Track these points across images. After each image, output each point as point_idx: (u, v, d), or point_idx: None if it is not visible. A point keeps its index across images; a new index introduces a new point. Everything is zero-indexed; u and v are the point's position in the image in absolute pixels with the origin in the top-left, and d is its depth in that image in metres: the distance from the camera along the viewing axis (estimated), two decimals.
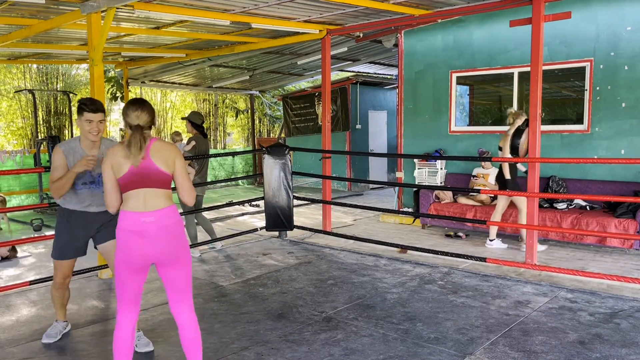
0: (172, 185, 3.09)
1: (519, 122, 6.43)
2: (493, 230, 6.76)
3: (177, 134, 8.24)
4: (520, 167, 6.70)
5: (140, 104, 3.05)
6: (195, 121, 6.70)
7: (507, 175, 6.52)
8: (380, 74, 14.51)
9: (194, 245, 6.51)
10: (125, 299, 3.01)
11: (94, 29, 5.79)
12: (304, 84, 17.91)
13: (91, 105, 3.56)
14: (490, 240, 6.77)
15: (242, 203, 7.76)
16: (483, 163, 7.92)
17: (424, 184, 8.58)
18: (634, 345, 3.78)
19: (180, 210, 3.76)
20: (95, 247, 3.95)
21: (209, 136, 22.07)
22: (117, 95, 15.11)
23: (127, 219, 2.92)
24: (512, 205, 7.38)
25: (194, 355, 3.06)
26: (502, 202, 6.70)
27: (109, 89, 14.92)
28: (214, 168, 15.92)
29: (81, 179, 3.68)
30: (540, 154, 5.87)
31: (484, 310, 4.53)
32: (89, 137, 3.60)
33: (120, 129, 14.26)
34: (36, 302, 4.96)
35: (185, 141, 6.85)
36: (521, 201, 6.36)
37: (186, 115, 6.99)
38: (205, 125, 22.66)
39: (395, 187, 9.82)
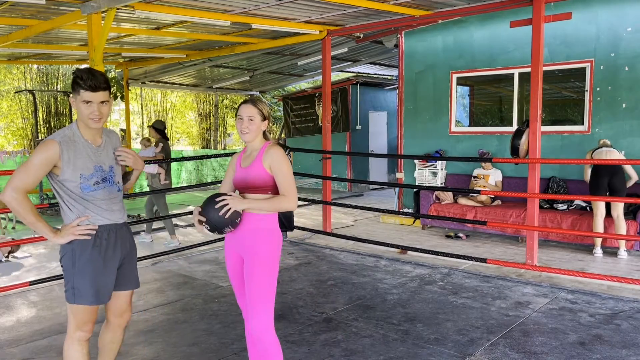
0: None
1: None
2: (622, 242, 6.36)
3: (147, 139, 8.26)
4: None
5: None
6: (158, 127, 7.72)
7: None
8: (381, 75, 14.51)
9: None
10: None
11: (95, 29, 5.80)
12: (304, 84, 17.93)
13: (90, 80, 2.54)
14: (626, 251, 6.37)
15: None
16: (483, 164, 7.92)
17: (424, 184, 8.57)
18: (634, 346, 3.77)
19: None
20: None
21: (208, 137, 22.13)
22: (117, 95, 15.14)
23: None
24: (513, 206, 7.39)
25: None
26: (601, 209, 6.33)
27: None
28: (214, 169, 15.92)
29: (91, 178, 2.67)
30: (540, 155, 5.87)
31: (484, 311, 4.53)
32: (89, 124, 2.63)
33: (122, 130, 14.20)
34: (36, 303, 4.95)
35: (153, 145, 7.80)
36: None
37: (151, 123, 8.17)
38: (205, 126, 22.81)
39: (395, 187, 9.82)
